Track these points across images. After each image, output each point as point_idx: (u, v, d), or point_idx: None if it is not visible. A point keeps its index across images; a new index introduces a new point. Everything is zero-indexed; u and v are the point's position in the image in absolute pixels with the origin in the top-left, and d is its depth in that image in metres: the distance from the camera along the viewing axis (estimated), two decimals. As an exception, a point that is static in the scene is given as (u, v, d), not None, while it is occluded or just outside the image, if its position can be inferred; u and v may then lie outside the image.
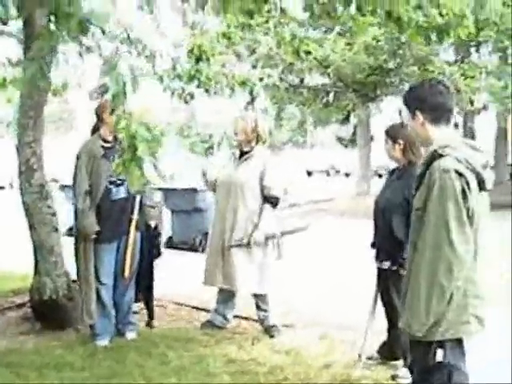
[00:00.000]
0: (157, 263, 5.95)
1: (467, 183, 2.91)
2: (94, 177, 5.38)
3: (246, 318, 6.22)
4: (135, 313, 6.18)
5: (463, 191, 2.89)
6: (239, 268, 5.63)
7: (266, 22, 6.29)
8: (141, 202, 5.59)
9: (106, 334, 5.54)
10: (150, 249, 5.79)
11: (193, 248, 10.61)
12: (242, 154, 5.83)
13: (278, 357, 5.10)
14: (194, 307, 6.69)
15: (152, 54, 8.24)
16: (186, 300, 6.92)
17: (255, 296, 5.81)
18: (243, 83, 8.09)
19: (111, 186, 5.38)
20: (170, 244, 10.91)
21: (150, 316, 6.02)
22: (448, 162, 2.94)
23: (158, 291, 6.15)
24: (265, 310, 5.79)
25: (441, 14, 4.14)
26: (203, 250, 10.63)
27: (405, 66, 14.01)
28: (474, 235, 2.96)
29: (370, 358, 4.88)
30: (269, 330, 5.74)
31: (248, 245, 5.61)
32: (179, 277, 7.77)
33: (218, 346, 5.43)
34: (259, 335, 5.72)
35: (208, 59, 7.56)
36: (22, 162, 6.08)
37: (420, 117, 3.11)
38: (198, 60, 7.54)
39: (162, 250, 6.14)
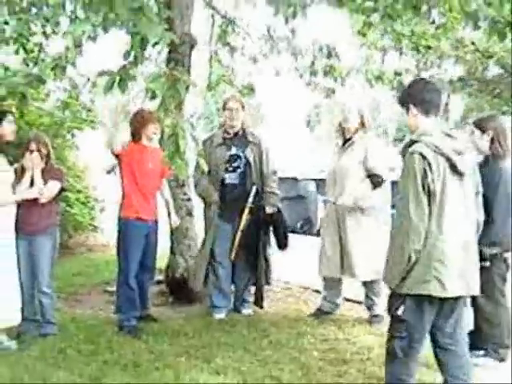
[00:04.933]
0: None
1: (429, 164, 3.43)
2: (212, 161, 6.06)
3: (360, 303, 6.42)
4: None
5: (425, 171, 3.43)
6: (356, 256, 5.78)
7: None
8: (257, 189, 6.08)
9: (223, 308, 6.15)
10: (264, 235, 6.16)
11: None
12: (346, 141, 6.02)
13: (370, 338, 5.38)
14: (315, 291, 7.06)
15: (294, 52, 8.75)
16: (311, 284, 7.29)
17: (364, 284, 6.00)
18: (379, 78, 8.30)
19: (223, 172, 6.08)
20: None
21: (257, 297, 6.29)
22: (416, 147, 3.51)
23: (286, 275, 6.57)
24: (372, 299, 5.97)
25: (512, 11, 4.16)
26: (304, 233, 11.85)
27: None
28: (439, 209, 3.46)
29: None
30: (371, 319, 5.95)
31: (361, 210, 5.81)
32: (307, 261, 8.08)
33: (321, 325, 5.80)
34: (364, 319, 6.02)
35: (337, 56, 7.90)
36: (161, 153, 6.84)
37: (414, 110, 3.68)
38: (329, 56, 7.91)
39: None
